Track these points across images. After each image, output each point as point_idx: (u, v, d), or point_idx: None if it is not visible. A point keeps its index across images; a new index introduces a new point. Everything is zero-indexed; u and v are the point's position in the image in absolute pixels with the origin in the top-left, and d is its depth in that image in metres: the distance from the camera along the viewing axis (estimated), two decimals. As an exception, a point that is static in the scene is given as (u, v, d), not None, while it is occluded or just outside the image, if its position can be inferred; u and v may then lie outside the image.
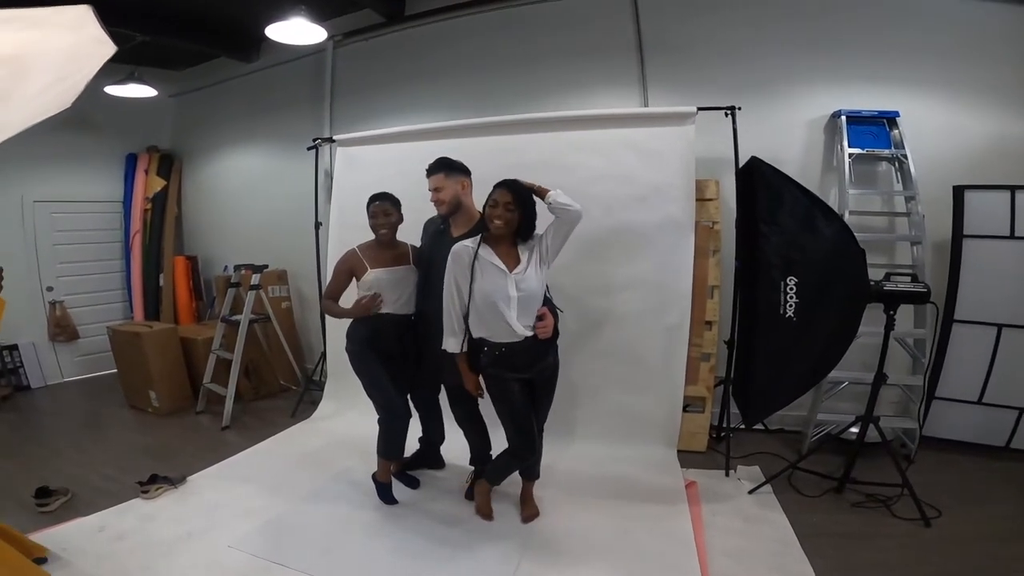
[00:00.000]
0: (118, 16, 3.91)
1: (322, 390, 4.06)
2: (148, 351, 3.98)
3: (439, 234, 2.62)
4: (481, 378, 2.31)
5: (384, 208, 2.59)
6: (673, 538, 2.32)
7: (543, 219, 2.27)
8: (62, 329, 4.87)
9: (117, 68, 4.46)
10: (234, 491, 2.83)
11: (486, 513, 2.52)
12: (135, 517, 2.58)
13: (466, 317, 2.23)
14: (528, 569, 2.16)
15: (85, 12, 1.61)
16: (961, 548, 2.20)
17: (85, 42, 1.64)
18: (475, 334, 2.23)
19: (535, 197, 2.22)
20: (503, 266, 2.17)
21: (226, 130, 5.28)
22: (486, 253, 2.18)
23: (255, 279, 4.09)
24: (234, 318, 4.09)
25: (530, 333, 2.19)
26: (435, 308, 2.54)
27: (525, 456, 2.36)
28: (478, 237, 2.22)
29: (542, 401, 2.36)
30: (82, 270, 5.13)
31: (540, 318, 2.23)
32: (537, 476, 2.53)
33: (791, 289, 2.53)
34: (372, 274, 2.57)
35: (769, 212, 2.55)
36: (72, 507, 2.69)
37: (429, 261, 2.62)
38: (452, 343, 2.27)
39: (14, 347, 4.66)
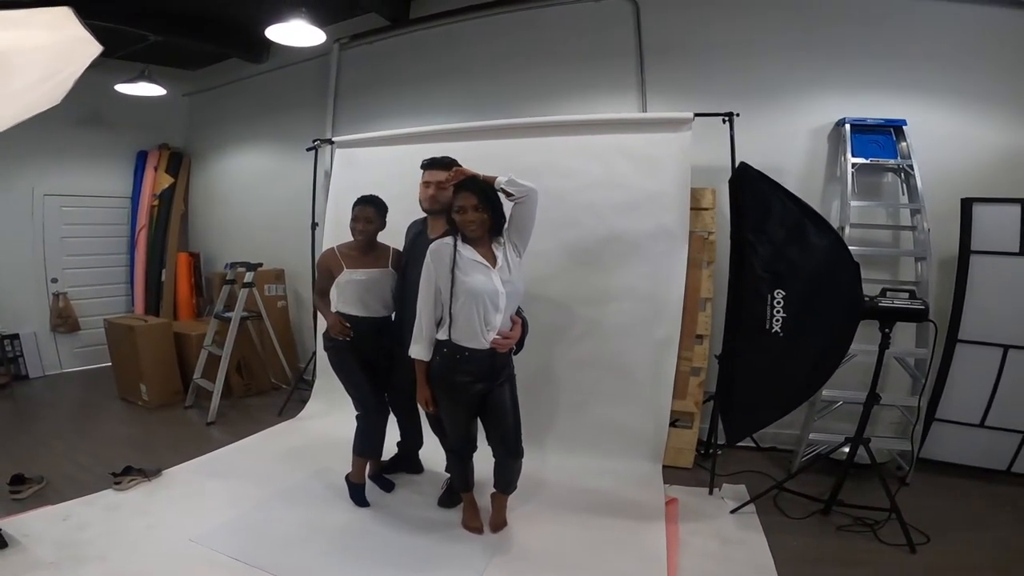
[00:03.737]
0: (131, 16, 4.01)
1: (312, 389, 4.04)
2: (140, 344, 4.01)
3: (418, 236, 2.59)
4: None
5: (366, 214, 2.57)
6: (645, 558, 2.21)
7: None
8: (63, 320, 4.95)
9: (128, 66, 4.56)
10: (207, 486, 2.81)
11: (473, 527, 2.41)
12: (102, 507, 2.57)
13: (439, 322, 2.16)
14: (490, 582, 2.08)
15: (65, 13, 1.66)
16: (944, 576, 2.06)
17: (69, 41, 1.68)
18: (441, 336, 2.15)
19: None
20: (486, 263, 2.11)
21: (235, 129, 5.35)
22: (467, 251, 2.11)
23: (248, 276, 4.10)
24: (227, 314, 4.10)
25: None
26: (413, 311, 2.52)
27: (461, 453, 2.33)
28: (455, 236, 2.15)
29: (502, 414, 2.23)
30: (87, 263, 5.21)
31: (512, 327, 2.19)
32: (511, 490, 2.40)
33: (778, 303, 2.42)
34: (345, 275, 2.56)
35: (757, 221, 2.45)
36: (43, 495, 2.70)
37: (407, 263, 2.59)
38: (420, 349, 2.18)
39: (15, 336, 4.73)
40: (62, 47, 1.71)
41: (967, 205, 2.92)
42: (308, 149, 4.12)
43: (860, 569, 2.14)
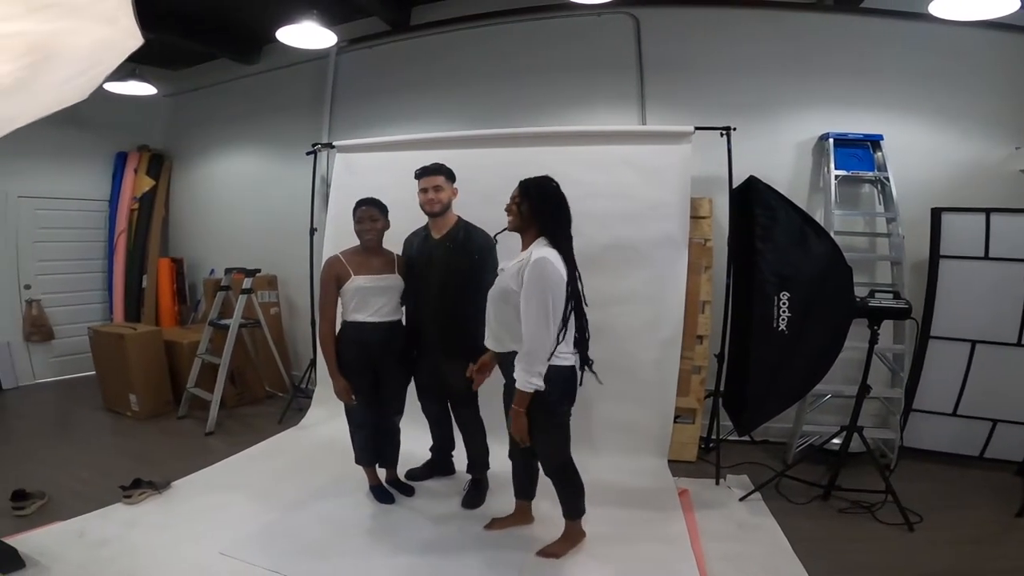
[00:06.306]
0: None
1: (309, 397, 4.02)
2: (130, 353, 3.89)
3: (423, 241, 2.66)
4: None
5: (371, 213, 2.57)
6: (671, 544, 2.36)
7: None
8: (37, 329, 4.72)
9: (120, 65, 4.40)
10: (222, 497, 2.77)
11: (493, 525, 2.48)
12: (117, 523, 2.49)
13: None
14: (531, 577, 2.15)
15: (123, 2, 1.58)
16: (944, 551, 2.29)
17: (115, 35, 1.61)
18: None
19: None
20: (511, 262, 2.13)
21: (220, 132, 5.23)
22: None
23: (247, 283, 4.03)
24: (223, 322, 4.02)
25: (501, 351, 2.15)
26: (431, 317, 2.60)
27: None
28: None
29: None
30: (62, 269, 4.99)
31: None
32: (571, 514, 2.33)
33: (784, 304, 2.62)
34: (355, 281, 2.51)
35: (765, 230, 2.66)
36: (49, 511, 2.60)
37: (420, 270, 2.63)
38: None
39: (-13, 346, 4.49)
40: (108, 41, 1.64)
41: (936, 214, 3.22)
42: (308, 153, 4.11)
43: (866, 544, 2.36)
